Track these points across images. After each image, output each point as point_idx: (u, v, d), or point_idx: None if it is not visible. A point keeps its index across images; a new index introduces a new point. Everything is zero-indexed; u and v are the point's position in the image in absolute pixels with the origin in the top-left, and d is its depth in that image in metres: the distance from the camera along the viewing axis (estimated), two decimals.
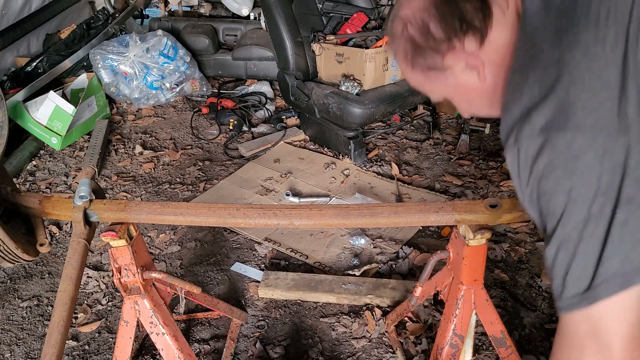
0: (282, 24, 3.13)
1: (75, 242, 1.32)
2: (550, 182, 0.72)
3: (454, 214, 1.29)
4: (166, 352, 1.50)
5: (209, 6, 4.68)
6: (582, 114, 0.70)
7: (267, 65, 4.05)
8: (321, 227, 1.49)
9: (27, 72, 3.85)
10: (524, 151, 0.75)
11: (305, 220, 1.33)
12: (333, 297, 2.13)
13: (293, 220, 1.33)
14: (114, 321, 2.10)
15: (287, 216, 1.33)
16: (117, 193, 2.96)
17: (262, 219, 1.33)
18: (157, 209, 1.36)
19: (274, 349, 1.96)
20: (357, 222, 1.33)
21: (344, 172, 3.07)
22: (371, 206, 1.34)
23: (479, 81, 0.90)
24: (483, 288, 1.43)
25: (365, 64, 2.98)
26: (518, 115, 0.76)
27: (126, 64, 3.83)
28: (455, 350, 1.48)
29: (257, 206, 1.37)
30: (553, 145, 0.71)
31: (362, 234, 2.49)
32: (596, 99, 0.70)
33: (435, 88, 0.98)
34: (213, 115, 3.73)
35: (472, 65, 0.89)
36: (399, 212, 1.31)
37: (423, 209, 1.30)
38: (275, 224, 1.34)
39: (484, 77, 0.89)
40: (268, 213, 1.33)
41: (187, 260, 2.44)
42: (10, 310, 2.19)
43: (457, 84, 0.93)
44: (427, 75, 0.95)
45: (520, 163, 0.76)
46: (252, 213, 1.33)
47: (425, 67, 0.93)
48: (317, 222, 1.33)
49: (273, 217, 1.33)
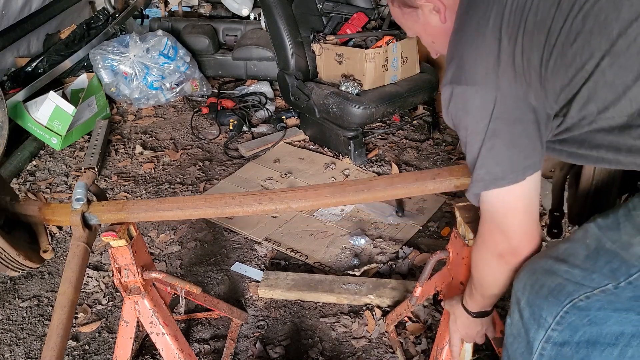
0: (282, 24, 3.13)
1: (74, 246, 1.32)
2: (458, 119, 1.02)
3: (451, 180, 1.27)
4: (166, 352, 1.50)
5: (209, 6, 4.67)
6: (470, 73, 0.97)
7: (267, 65, 4.05)
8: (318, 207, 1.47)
9: (27, 72, 3.85)
10: (443, 96, 1.03)
11: (301, 202, 1.31)
12: (333, 297, 2.13)
13: (289, 203, 1.31)
14: (114, 321, 2.11)
15: (284, 200, 1.31)
16: (117, 193, 2.97)
17: (259, 205, 1.31)
18: (154, 205, 1.35)
19: (274, 349, 1.96)
20: (354, 199, 1.31)
21: (344, 172, 3.07)
22: (366, 180, 1.32)
23: (440, 23, 1.11)
24: None
25: (365, 64, 2.98)
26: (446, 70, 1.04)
27: (126, 64, 3.83)
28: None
29: (252, 193, 1.36)
30: (455, 93, 1.00)
31: (362, 234, 2.49)
32: (480, 62, 0.96)
33: (409, 24, 1.19)
34: (213, 115, 3.73)
35: (436, 8, 1.09)
36: (395, 184, 1.29)
37: (419, 177, 1.29)
38: (272, 209, 1.32)
39: (444, 19, 1.10)
40: (264, 198, 1.32)
41: (187, 260, 2.44)
42: (11, 310, 2.19)
43: (425, 23, 1.14)
44: (403, 11, 1.16)
45: (443, 104, 1.04)
46: (248, 200, 1.32)
47: (402, 3, 1.15)
48: (314, 202, 1.31)
49: (270, 202, 1.31)
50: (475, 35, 0.98)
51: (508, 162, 0.98)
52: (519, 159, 0.98)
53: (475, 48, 0.97)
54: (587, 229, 0.96)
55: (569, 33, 0.90)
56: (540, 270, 1.02)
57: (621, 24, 0.86)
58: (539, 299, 1.01)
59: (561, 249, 1.01)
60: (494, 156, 0.99)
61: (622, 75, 0.87)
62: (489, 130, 0.97)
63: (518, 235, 1.03)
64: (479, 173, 1.01)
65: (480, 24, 0.97)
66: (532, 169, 0.99)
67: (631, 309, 0.93)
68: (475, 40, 0.98)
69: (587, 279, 0.94)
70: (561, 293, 0.98)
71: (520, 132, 0.97)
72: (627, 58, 0.86)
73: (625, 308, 0.93)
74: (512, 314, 1.10)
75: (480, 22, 0.97)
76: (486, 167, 1.00)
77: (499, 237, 1.05)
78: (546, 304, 1.00)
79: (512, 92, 0.95)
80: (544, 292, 1.00)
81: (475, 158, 1.01)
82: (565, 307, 0.97)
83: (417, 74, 3.25)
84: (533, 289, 1.03)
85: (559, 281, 0.98)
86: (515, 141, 0.97)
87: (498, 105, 0.96)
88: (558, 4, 0.91)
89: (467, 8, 1.02)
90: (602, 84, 0.89)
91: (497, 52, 0.95)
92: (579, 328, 0.98)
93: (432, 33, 1.16)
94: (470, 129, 1.00)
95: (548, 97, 0.95)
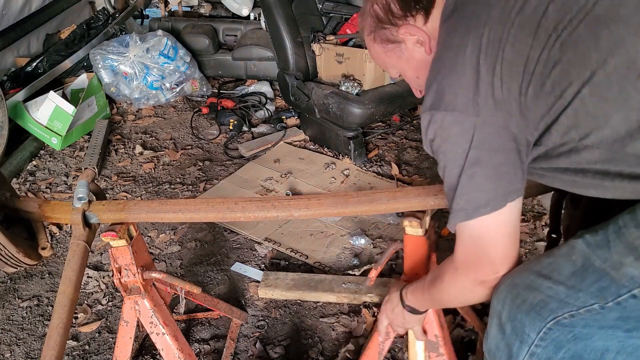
0: (282, 24, 3.13)
1: (74, 245, 1.32)
2: (436, 145, 1.01)
3: None
4: (166, 352, 1.50)
5: (209, 6, 4.68)
6: (450, 99, 0.96)
7: (267, 65, 4.05)
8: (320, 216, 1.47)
9: (27, 72, 3.85)
10: (422, 122, 1.02)
11: (303, 210, 1.31)
12: (333, 297, 2.13)
13: (292, 211, 1.31)
14: (114, 321, 2.11)
15: (286, 207, 1.32)
16: (117, 193, 2.97)
17: (261, 212, 1.32)
18: (155, 207, 1.35)
19: (274, 349, 1.96)
20: (355, 210, 1.31)
21: (344, 172, 3.07)
22: (369, 193, 1.32)
23: (426, 55, 1.10)
24: None
25: (365, 64, 2.98)
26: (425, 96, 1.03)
27: (126, 64, 3.83)
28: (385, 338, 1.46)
29: (255, 199, 1.36)
30: (434, 119, 0.99)
31: (362, 234, 2.49)
32: (459, 89, 0.96)
33: (392, 61, 1.18)
34: (213, 116, 3.73)
35: (421, 40, 1.09)
36: (397, 198, 1.29)
37: (422, 192, 1.28)
38: (274, 216, 1.33)
39: (429, 50, 1.09)
40: (267, 205, 1.32)
41: (187, 260, 2.44)
42: (11, 310, 2.19)
43: (409, 57, 1.13)
44: (385, 47, 1.15)
45: (422, 131, 1.03)
46: (250, 206, 1.32)
47: (384, 38, 1.13)
48: (316, 211, 1.31)
49: (272, 209, 1.32)
50: (454, 62, 0.97)
51: (490, 189, 0.96)
52: (501, 187, 0.96)
53: (455, 75, 0.96)
54: (574, 245, 0.94)
55: (547, 62, 0.90)
56: (521, 285, 1.00)
57: (600, 53, 0.85)
58: (521, 314, 0.99)
59: (544, 264, 0.99)
60: (475, 184, 0.97)
61: (603, 104, 0.86)
62: (469, 157, 0.96)
63: (501, 260, 1.02)
64: (459, 203, 0.99)
65: (458, 52, 0.96)
66: (515, 195, 0.97)
67: (617, 327, 0.91)
68: (453, 67, 0.97)
69: (572, 297, 0.92)
70: (544, 309, 0.96)
71: (501, 161, 0.96)
72: (607, 87, 0.85)
73: (611, 326, 0.91)
74: (490, 328, 1.08)
75: (458, 50, 0.96)
76: (467, 196, 0.98)
77: (482, 266, 1.03)
78: (528, 319, 0.98)
79: (492, 120, 0.94)
80: (525, 308, 0.98)
81: (454, 185, 0.99)
82: (548, 323, 0.96)
83: None
84: (514, 304, 1.00)
85: (542, 297, 0.96)
86: (497, 169, 0.96)
87: (478, 133, 0.95)
88: (535, 33, 0.90)
89: (446, 35, 1.01)
90: (583, 113, 0.88)
91: (476, 80, 0.94)
92: (563, 344, 0.96)
93: (416, 67, 1.15)
94: (450, 155, 0.99)
95: (529, 125, 0.94)
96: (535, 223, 2.50)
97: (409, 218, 1.30)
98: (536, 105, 0.92)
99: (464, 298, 1.17)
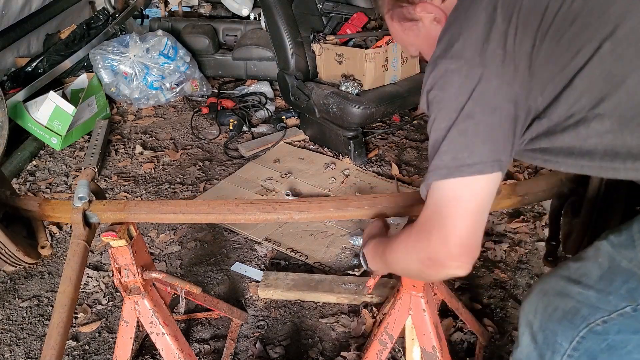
0: (282, 24, 3.13)
1: (75, 244, 1.32)
2: (433, 95, 0.93)
3: None
4: (166, 352, 1.50)
5: (209, 6, 4.68)
6: (458, 48, 0.91)
7: (267, 65, 4.05)
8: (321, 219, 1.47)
9: (27, 72, 3.85)
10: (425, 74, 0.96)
11: (304, 213, 1.31)
12: (333, 297, 2.13)
13: (292, 214, 1.32)
14: (114, 321, 2.11)
15: (286, 210, 1.32)
16: (117, 193, 2.97)
17: (262, 214, 1.32)
18: (156, 207, 1.35)
19: (274, 349, 1.96)
20: (357, 214, 1.31)
21: (344, 172, 3.07)
22: (370, 197, 1.32)
23: None
24: (423, 297, 1.37)
25: (365, 64, 2.98)
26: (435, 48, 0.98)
27: (126, 64, 3.83)
28: (383, 348, 1.47)
29: (255, 201, 1.36)
30: (438, 68, 0.93)
31: (362, 234, 2.49)
32: (470, 38, 0.91)
33: (410, 39, 1.16)
34: (213, 115, 3.73)
35: (438, 18, 1.07)
36: (398, 203, 1.29)
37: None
38: (275, 219, 1.33)
39: None
40: (267, 208, 1.32)
41: (187, 260, 2.44)
42: (10, 310, 2.19)
43: (427, 35, 1.11)
44: (403, 26, 1.14)
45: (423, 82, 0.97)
46: (251, 208, 1.32)
47: (402, 17, 1.12)
48: (316, 214, 1.31)
49: (272, 211, 1.32)
50: (469, 11, 0.93)
51: (480, 150, 0.88)
52: (490, 150, 0.88)
53: (467, 22, 0.92)
54: (599, 247, 0.92)
55: (567, 14, 0.85)
56: (552, 292, 0.97)
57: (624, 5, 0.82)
58: (552, 323, 0.96)
59: (572, 269, 0.96)
60: (464, 141, 0.88)
61: (622, 63, 0.82)
62: (465, 110, 0.88)
63: (457, 241, 0.88)
64: (443, 159, 0.89)
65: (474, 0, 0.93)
66: (499, 167, 0.88)
67: None
68: (467, 17, 0.93)
69: (603, 302, 0.90)
70: (576, 317, 0.93)
71: (495, 124, 0.88)
72: (628, 45, 0.81)
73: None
74: (521, 337, 1.05)
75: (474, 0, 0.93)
76: (453, 153, 0.88)
77: (434, 238, 0.90)
78: (560, 328, 0.95)
79: (497, 74, 0.88)
80: (557, 316, 0.96)
81: (441, 139, 0.90)
82: (581, 332, 0.93)
83: (417, 74, 3.25)
84: (546, 312, 0.97)
85: (573, 304, 0.93)
86: (489, 130, 0.88)
87: (481, 85, 0.88)
88: None
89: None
90: (599, 74, 0.83)
91: (489, 28, 0.89)
92: (597, 354, 0.93)
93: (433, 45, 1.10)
94: (444, 106, 0.91)
95: (535, 88, 0.89)
96: (535, 223, 2.50)
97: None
98: (547, 63, 0.87)
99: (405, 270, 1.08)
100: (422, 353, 1.42)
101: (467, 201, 0.88)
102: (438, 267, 0.91)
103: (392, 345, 1.46)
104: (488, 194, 0.89)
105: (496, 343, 1.93)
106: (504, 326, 1.99)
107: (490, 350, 1.89)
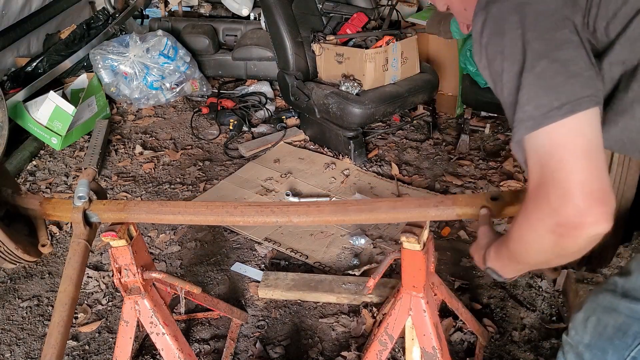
0: (282, 24, 3.13)
1: (75, 243, 1.32)
2: (491, 47, 0.84)
3: (454, 208, 1.23)
4: (166, 352, 1.50)
5: (209, 6, 4.67)
6: None
7: (267, 65, 4.05)
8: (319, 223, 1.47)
9: (27, 72, 3.85)
10: (474, 29, 0.87)
11: (303, 217, 1.31)
12: (333, 297, 2.13)
13: (291, 217, 1.32)
14: (114, 321, 2.11)
15: (285, 213, 1.32)
16: (117, 193, 2.97)
17: (260, 217, 1.32)
18: (156, 208, 1.36)
19: (274, 349, 1.96)
20: (355, 218, 1.31)
21: (344, 172, 3.07)
22: (369, 201, 1.32)
23: None
24: (424, 298, 1.37)
25: (365, 64, 2.98)
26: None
27: (126, 64, 3.83)
28: (383, 348, 1.47)
29: (255, 204, 1.36)
30: (490, 15, 0.83)
31: (362, 234, 2.49)
32: None
33: None
34: (213, 115, 3.73)
35: None
36: (397, 207, 1.29)
37: (422, 203, 1.27)
38: (273, 221, 1.33)
39: None
40: (266, 210, 1.32)
41: (187, 260, 2.44)
42: (11, 310, 2.19)
43: None
44: None
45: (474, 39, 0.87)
46: (250, 211, 1.33)
47: None
48: (315, 218, 1.31)
49: (271, 214, 1.32)
50: None
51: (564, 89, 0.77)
52: (574, 86, 0.77)
53: None
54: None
55: None
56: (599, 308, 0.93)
57: None
58: (603, 341, 0.93)
59: (619, 283, 0.92)
60: (543, 82, 0.78)
61: None
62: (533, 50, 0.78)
63: (580, 189, 0.74)
64: (526, 110, 0.79)
65: None
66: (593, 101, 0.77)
67: None
68: None
69: None
70: (627, 334, 0.89)
71: (571, 56, 0.79)
72: None
73: None
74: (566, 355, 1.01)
75: None
76: (535, 100, 0.78)
77: (553, 198, 0.76)
78: (611, 347, 0.91)
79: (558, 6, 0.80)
80: (608, 333, 0.92)
81: (516, 90, 0.80)
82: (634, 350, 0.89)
83: (417, 74, 3.25)
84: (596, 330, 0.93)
85: (622, 319, 0.89)
86: (566, 65, 0.78)
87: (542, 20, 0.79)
88: None
89: None
90: None
91: None
92: None
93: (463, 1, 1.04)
94: (508, 53, 0.81)
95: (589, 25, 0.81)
96: None
97: (405, 234, 1.28)
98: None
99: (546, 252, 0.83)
100: (422, 353, 1.42)
101: (571, 140, 0.76)
102: (573, 230, 0.76)
103: (392, 345, 1.46)
104: (591, 131, 0.77)
105: (496, 343, 1.93)
106: (504, 326, 1.99)
107: (490, 350, 1.90)
